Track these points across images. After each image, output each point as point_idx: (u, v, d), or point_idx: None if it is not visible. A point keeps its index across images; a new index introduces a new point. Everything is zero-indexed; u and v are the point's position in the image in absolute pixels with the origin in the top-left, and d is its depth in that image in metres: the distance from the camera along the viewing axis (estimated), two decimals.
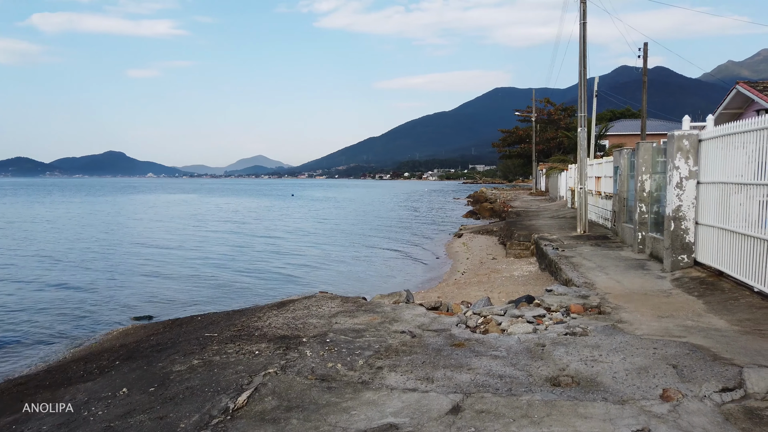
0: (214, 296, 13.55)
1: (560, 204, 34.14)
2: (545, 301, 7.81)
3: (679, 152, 9.65)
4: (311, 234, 30.20)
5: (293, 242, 25.85)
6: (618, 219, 15.49)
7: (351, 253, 21.90)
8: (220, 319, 8.16)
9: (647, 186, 12.62)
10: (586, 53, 16.36)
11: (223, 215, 46.51)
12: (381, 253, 22.03)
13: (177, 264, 19.27)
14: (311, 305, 7.86)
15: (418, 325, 6.66)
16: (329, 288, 12.67)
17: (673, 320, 6.52)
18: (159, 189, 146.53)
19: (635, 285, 8.82)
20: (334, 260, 19.76)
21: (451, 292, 11.13)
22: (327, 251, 22.37)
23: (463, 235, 25.59)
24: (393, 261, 19.71)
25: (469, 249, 20.68)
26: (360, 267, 18.01)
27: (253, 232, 31.38)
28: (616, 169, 15.75)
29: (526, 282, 11.89)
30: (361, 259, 20.24)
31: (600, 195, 19.07)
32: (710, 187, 9.22)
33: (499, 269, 14.80)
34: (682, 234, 9.70)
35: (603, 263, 11.15)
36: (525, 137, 64.75)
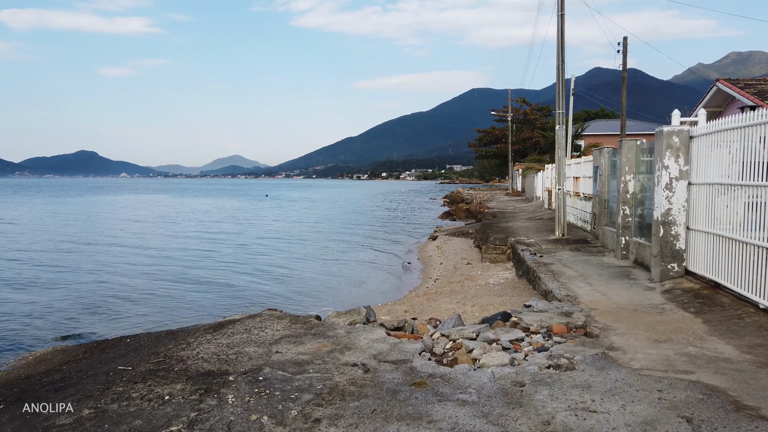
0: (162, 309, 12.28)
1: (537, 205, 33.44)
2: (523, 320, 6.82)
3: (668, 150, 8.77)
4: (280, 237, 28.94)
5: (259, 246, 24.57)
6: (598, 222, 14.66)
7: (319, 258, 20.74)
8: (148, 342, 6.97)
9: (631, 187, 11.76)
10: (564, 45, 15.50)
11: (192, 217, 44.86)
12: (351, 258, 20.93)
13: (132, 271, 17.89)
14: (254, 327, 6.74)
15: (374, 354, 5.59)
16: (286, 301, 11.55)
17: (673, 346, 5.56)
18: (130, 189, 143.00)
19: (623, 298, 7.89)
20: (299, 266, 18.57)
21: (420, 305, 10.10)
22: (294, 256, 21.17)
23: (437, 238, 24.62)
24: (363, 267, 18.62)
25: (443, 253, 19.71)
26: (326, 274, 16.87)
27: (219, 235, 29.99)
28: (596, 169, 14.93)
29: (502, 291, 10.93)
30: (329, 265, 19.10)
31: (579, 196, 18.27)
32: (703, 188, 8.36)
33: (473, 276, 13.84)
34: (672, 240, 8.81)
35: (585, 271, 10.24)
36: (501, 137, 64.25)
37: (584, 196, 17.39)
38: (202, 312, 11.77)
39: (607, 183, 14.11)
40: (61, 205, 63.91)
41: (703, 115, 8.85)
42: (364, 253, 22.34)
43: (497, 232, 17.98)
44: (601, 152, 14.35)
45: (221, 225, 36.73)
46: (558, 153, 16.15)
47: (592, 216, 15.52)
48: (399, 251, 22.58)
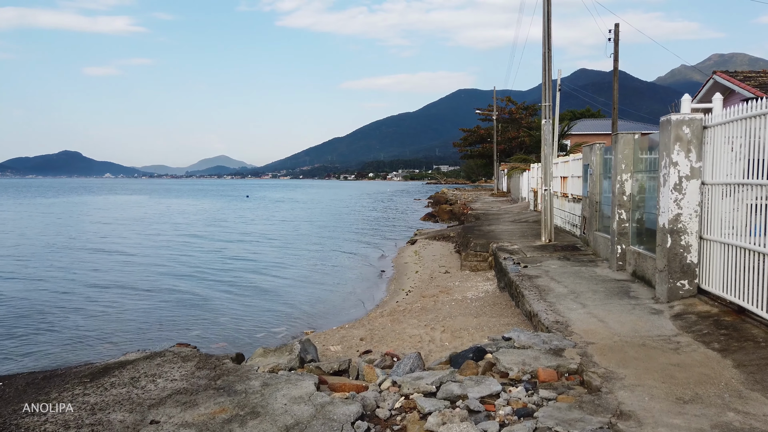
0: (78, 336, 10.49)
1: (522, 206, 32.02)
2: (501, 361, 5.24)
3: (677, 143, 7.25)
4: (252, 241, 27.18)
5: (225, 252, 22.82)
6: (589, 226, 13.16)
7: (288, 265, 19.06)
8: (10, 394, 5.29)
9: (628, 188, 10.26)
10: (551, 31, 14.00)
11: (166, 219, 42.85)
12: (321, 265, 19.27)
13: (72, 280, 16.09)
14: (144, 375, 5.08)
15: (289, 424, 3.97)
16: (221, 324, 9.86)
17: (705, 410, 4.01)
18: (111, 190, 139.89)
19: (625, 326, 6.35)
20: (262, 276, 16.87)
21: (382, 328, 8.49)
22: (261, 264, 19.45)
23: (417, 242, 23.05)
24: (330, 276, 16.97)
25: (420, 259, 18.13)
26: (288, 285, 15.16)
27: (186, 239, 28.15)
28: (587, 168, 13.44)
29: (480, 309, 9.36)
30: (295, 273, 17.42)
31: (567, 198, 16.79)
32: (719, 190, 6.85)
33: (450, 288, 12.27)
34: (682, 252, 7.29)
35: (576, 287, 8.71)
36: (486, 137, 62.91)
37: (573, 197, 15.91)
38: (119, 340, 10.00)
39: (599, 183, 12.62)
40: (32, 206, 61.44)
41: (719, 100, 7.39)
42: (337, 259, 20.70)
43: (479, 237, 16.45)
44: (592, 149, 12.86)
45: (192, 227, 34.85)
46: (544, 150, 14.64)
47: (582, 220, 14.02)
48: (374, 257, 20.97)
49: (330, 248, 23.93)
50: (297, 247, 24.77)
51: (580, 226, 14.33)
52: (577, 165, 15.34)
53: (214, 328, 10.26)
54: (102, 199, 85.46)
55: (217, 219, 42.67)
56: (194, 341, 9.02)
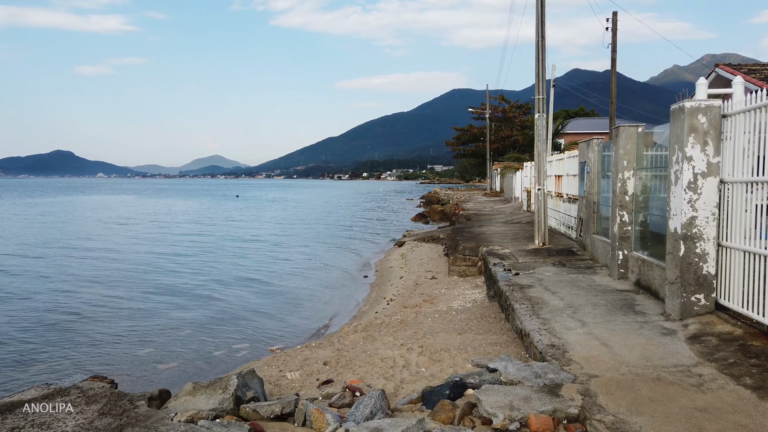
0: (21, 352, 9.37)
1: (515, 206, 31.04)
2: (484, 403, 4.19)
3: (692, 135, 6.22)
4: (235, 244, 26.06)
5: (203, 256, 21.69)
6: (586, 229, 12.14)
7: (266, 270, 17.95)
8: None
9: (630, 187, 9.24)
10: (545, 18, 12.97)
11: (149, 219, 41.61)
12: (303, 268, 18.20)
13: (35, 287, 14.95)
14: (30, 425, 4.00)
15: None
16: (164, 346, 8.75)
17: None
18: (102, 190, 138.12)
19: (634, 352, 5.32)
20: (236, 282, 15.76)
21: (352, 348, 7.42)
22: (239, 268, 18.34)
23: (405, 244, 22.00)
24: (311, 281, 15.89)
25: (407, 263, 17.08)
26: (261, 294, 14.03)
27: (167, 239, 26.99)
28: (583, 166, 12.43)
29: (465, 324, 8.32)
30: (272, 278, 16.32)
31: (561, 198, 15.77)
32: (741, 189, 5.84)
33: (435, 296, 11.22)
34: (698, 262, 6.27)
35: (574, 299, 7.68)
36: (480, 135, 61.92)
37: (568, 197, 14.90)
38: (55, 358, 8.89)
39: (597, 182, 11.61)
40: (15, 206, 59.97)
41: (740, 84, 6.40)
42: (321, 262, 19.63)
43: (469, 239, 15.41)
44: (589, 145, 11.85)
45: (174, 227, 33.66)
46: (537, 146, 13.61)
47: (579, 222, 13.01)
48: (360, 260, 19.90)
49: (315, 250, 22.85)
50: (281, 248, 23.68)
51: (576, 229, 13.32)
52: (572, 163, 14.33)
53: (170, 343, 9.16)
54: (89, 199, 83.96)
55: (204, 220, 41.48)
56: (138, 362, 7.93)
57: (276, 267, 18.56)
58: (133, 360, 8.18)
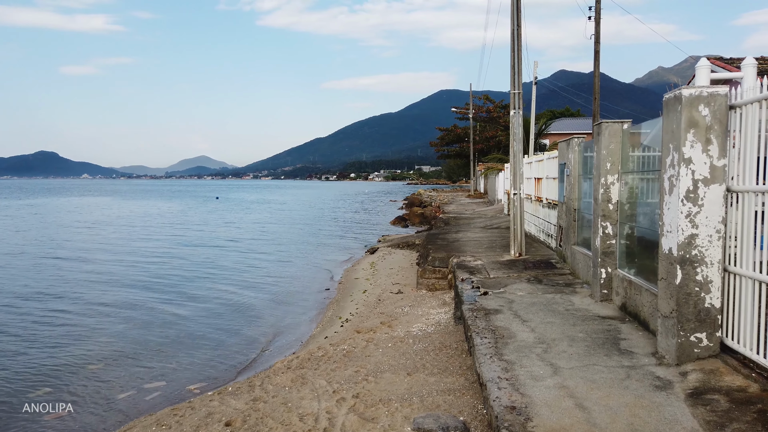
0: None
1: (497, 209, 29.80)
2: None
3: (691, 131, 4.90)
4: (199, 248, 24.52)
5: (161, 263, 20.15)
6: (566, 238, 10.85)
7: (221, 279, 16.49)
8: None
9: (614, 193, 7.94)
10: (521, 4, 11.66)
11: (123, 223, 39.85)
12: (260, 280, 16.75)
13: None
14: None
15: None
16: (86, 376, 7.29)
17: None
18: (81, 191, 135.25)
19: (619, 420, 3.97)
20: (179, 299, 14.25)
21: (272, 397, 5.98)
22: (185, 279, 16.84)
23: (378, 251, 20.63)
24: (264, 296, 14.45)
25: (375, 273, 15.71)
26: (203, 313, 12.50)
27: (122, 252, 25.38)
28: (563, 168, 11.14)
29: (419, 359, 6.95)
30: (221, 293, 14.85)
31: (541, 202, 14.49)
32: (756, 199, 4.53)
33: (395, 317, 9.86)
34: (698, 292, 4.95)
35: (547, 330, 6.34)
36: (464, 136, 60.72)
37: (548, 202, 13.62)
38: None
39: (577, 186, 10.31)
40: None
41: (752, 66, 5.11)
42: (284, 272, 18.20)
43: (441, 248, 14.08)
44: (569, 145, 10.55)
45: (141, 232, 32.00)
46: (513, 146, 12.29)
47: (558, 230, 11.72)
48: (326, 269, 18.51)
49: (283, 257, 21.40)
50: (248, 255, 22.20)
51: (556, 237, 12.03)
52: (552, 164, 13.05)
53: (71, 379, 7.70)
54: (65, 201, 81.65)
55: (177, 224, 39.82)
56: (20, 409, 6.45)
57: (235, 277, 17.10)
58: (15, 409, 6.70)
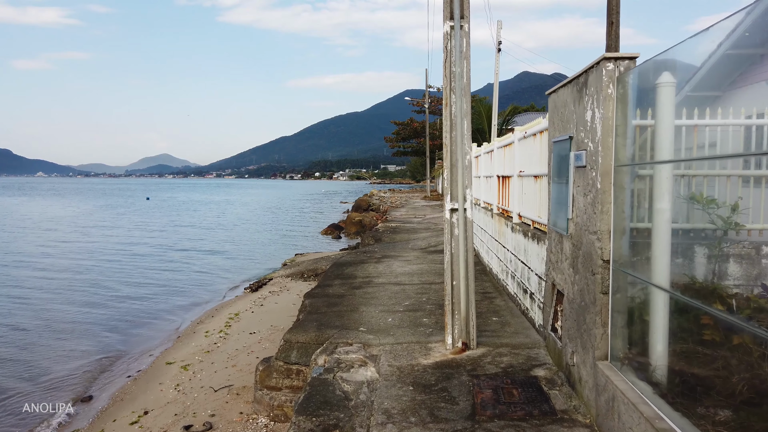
0: None
1: None
2: None
3: None
4: (51, 269, 17.25)
5: None
6: (576, 329, 4.26)
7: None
8: None
9: None
10: None
11: (15, 225, 31.86)
12: (18, 362, 9.70)
13: None
14: None
15: None
16: None
17: None
18: (17, 191, 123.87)
19: None
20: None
21: None
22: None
23: (268, 283, 13.81)
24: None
25: (223, 339, 8.92)
26: None
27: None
28: (564, 152, 4.60)
29: None
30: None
31: (510, 220, 7.83)
32: None
33: None
34: None
35: None
36: (422, 131, 54.31)
37: (523, 223, 7.05)
38: None
39: (622, 197, 3.72)
40: None
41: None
42: (75, 340, 11.18)
43: (324, 310, 7.41)
44: (585, 85, 3.97)
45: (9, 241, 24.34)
46: (449, 105, 5.59)
47: (551, 294, 5.13)
48: (146, 334, 11.44)
49: (108, 299, 14.17)
50: (72, 291, 15.03)
51: (545, 309, 5.44)
52: (533, 148, 6.46)
53: None
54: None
55: (66, 228, 32.09)
56: None
57: None
58: None
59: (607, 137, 3.72)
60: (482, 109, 35.74)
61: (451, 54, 5.43)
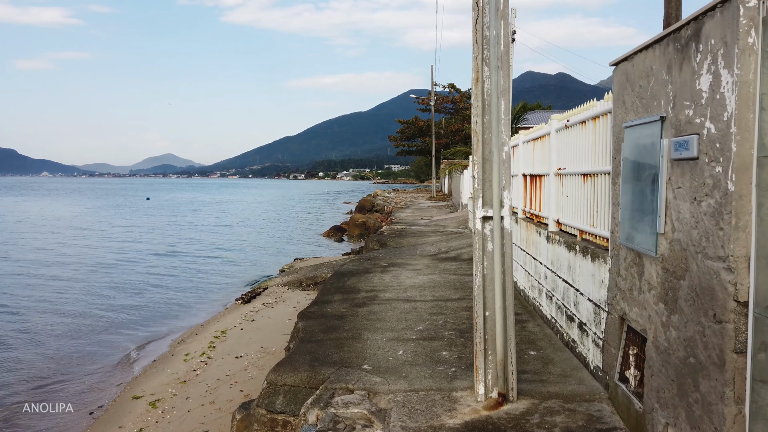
0: None
1: (461, 218, 22.01)
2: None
3: None
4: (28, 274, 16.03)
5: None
6: (658, 368, 2.95)
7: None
8: None
9: None
10: None
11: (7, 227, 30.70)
12: None
13: None
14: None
15: None
16: None
17: None
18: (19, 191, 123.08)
19: None
20: None
21: None
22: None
23: (262, 294, 12.53)
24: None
25: (203, 366, 7.64)
26: None
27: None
28: (636, 148, 3.29)
29: None
30: None
31: (544, 230, 6.51)
32: None
33: None
34: None
35: None
36: (427, 129, 53.00)
37: (566, 232, 5.75)
38: None
39: (750, 204, 2.39)
40: None
41: None
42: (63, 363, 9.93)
43: (331, 329, 6.16)
44: (689, 52, 2.66)
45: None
46: (482, 88, 4.31)
47: (616, 326, 3.82)
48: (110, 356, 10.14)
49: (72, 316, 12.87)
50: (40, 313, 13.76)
51: (607, 348, 4.13)
52: (582, 137, 5.15)
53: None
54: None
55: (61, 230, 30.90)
56: None
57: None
58: None
59: (745, 113, 2.41)
60: None
61: (483, 13, 4.13)
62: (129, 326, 11.30)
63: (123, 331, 10.50)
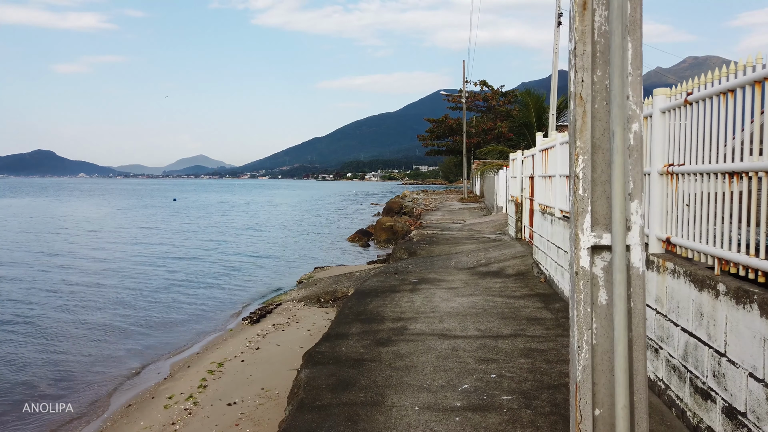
0: None
1: (497, 221, 20.05)
2: None
3: None
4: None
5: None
6: None
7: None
8: None
9: None
10: None
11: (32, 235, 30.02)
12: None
13: None
14: None
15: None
16: None
17: None
18: (47, 192, 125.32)
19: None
20: None
21: None
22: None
23: (268, 316, 10.87)
24: None
25: (175, 430, 5.96)
26: None
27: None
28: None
29: None
30: None
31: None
32: None
33: None
34: None
35: None
36: (457, 128, 50.92)
37: (689, 260, 3.89)
38: None
39: None
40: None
41: None
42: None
43: (342, 387, 4.47)
44: None
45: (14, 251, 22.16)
46: (592, 21, 2.57)
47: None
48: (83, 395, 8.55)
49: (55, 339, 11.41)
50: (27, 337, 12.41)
51: None
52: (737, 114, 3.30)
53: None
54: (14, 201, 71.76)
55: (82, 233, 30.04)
56: None
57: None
58: None
59: None
60: (530, 100, 32.18)
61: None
62: (130, 337, 9.96)
63: (86, 370, 8.69)
